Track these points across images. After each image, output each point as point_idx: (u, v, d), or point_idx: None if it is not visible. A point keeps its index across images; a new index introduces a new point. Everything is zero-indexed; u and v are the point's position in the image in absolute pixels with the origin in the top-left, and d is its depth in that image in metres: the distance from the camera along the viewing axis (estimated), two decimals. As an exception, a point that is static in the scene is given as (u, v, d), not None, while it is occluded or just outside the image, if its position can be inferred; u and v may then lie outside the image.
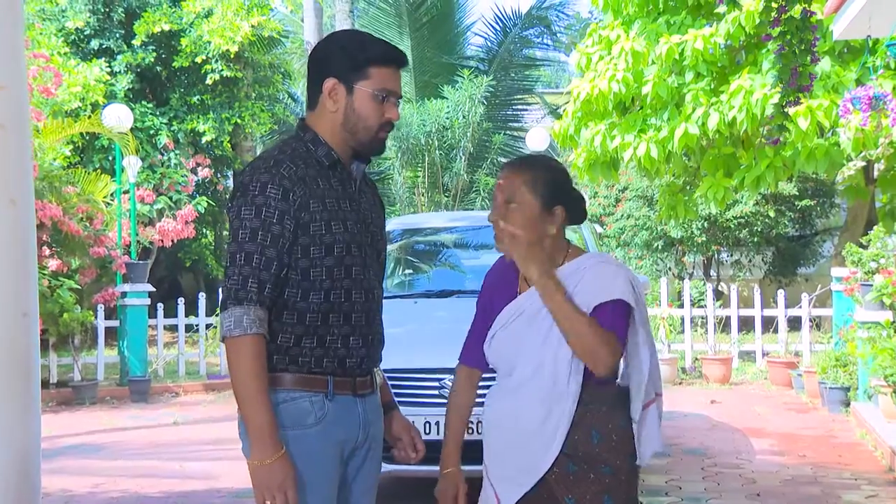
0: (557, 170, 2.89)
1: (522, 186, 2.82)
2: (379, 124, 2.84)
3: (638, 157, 11.65)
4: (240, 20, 16.33)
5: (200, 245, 18.20)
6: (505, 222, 2.81)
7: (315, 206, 2.77)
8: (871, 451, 8.14)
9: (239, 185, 2.80)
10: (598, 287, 2.76)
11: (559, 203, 2.83)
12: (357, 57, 2.82)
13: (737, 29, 11.00)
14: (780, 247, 17.83)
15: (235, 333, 2.69)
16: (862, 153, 9.68)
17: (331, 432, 2.80)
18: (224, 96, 17.23)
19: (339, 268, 2.79)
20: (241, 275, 2.71)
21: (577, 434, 2.78)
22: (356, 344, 2.84)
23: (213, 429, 9.75)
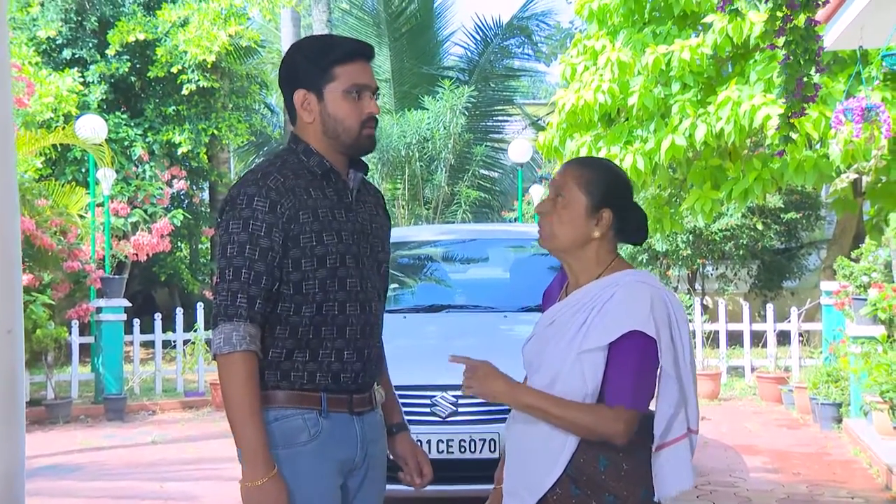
0: (614, 174, 2.81)
1: (572, 181, 2.76)
2: (360, 122, 2.81)
3: (624, 169, 11.67)
4: (217, 29, 16.25)
5: (176, 259, 18.09)
6: (548, 217, 2.77)
7: (305, 217, 2.73)
8: (865, 469, 8.13)
9: (227, 198, 2.78)
10: (615, 317, 2.64)
11: (608, 206, 2.76)
12: (319, 61, 2.80)
13: (724, 39, 11.05)
14: (765, 260, 17.89)
15: (225, 350, 2.66)
16: (854, 165, 9.71)
17: (326, 451, 2.76)
18: (200, 107, 17.15)
19: (332, 280, 2.75)
20: (230, 290, 2.68)
21: (582, 457, 2.68)
22: (350, 358, 2.79)
23: (192, 448, 9.66)
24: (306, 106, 2.81)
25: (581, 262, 2.79)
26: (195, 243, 19.26)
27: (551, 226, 2.77)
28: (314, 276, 2.73)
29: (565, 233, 2.76)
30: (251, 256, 2.68)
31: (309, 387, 2.75)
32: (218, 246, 2.77)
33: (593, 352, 2.66)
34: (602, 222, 2.75)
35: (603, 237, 2.76)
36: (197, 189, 18.44)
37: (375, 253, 2.91)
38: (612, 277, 2.74)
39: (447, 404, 5.80)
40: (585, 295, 2.74)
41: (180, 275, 17.99)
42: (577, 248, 2.77)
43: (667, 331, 2.66)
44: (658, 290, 2.70)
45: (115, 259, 14.70)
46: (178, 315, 12.93)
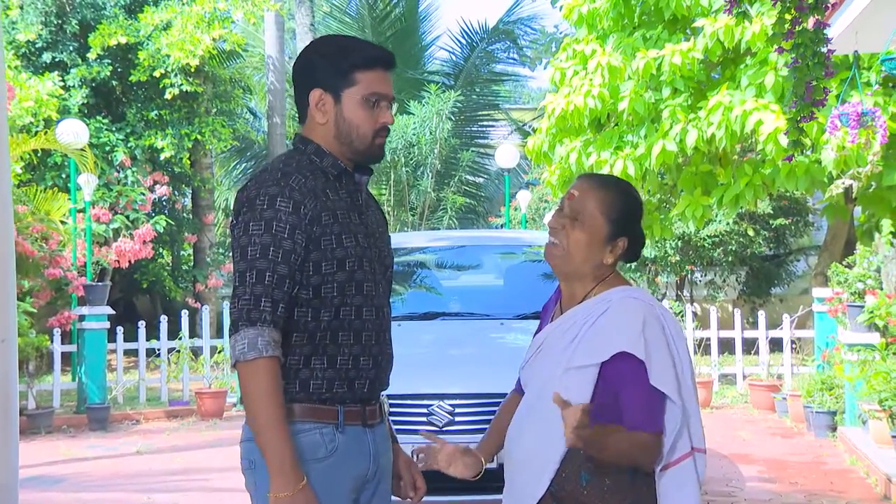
0: (634, 198, 2.76)
1: (595, 205, 2.70)
2: (374, 130, 2.78)
3: (614, 174, 11.66)
4: (200, 33, 16.17)
5: (158, 266, 17.98)
6: (562, 235, 2.72)
7: (327, 219, 2.70)
8: (863, 478, 8.13)
9: (245, 200, 2.71)
10: (605, 335, 2.60)
11: (626, 235, 2.72)
12: (340, 64, 2.76)
13: (715, 44, 11.06)
14: (753, 266, 17.93)
15: (250, 357, 2.60)
16: (850, 171, 9.72)
17: (342, 466, 2.73)
18: (183, 111, 17.06)
19: (350, 283, 2.72)
20: (253, 294, 2.63)
21: (564, 471, 2.65)
22: (366, 364, 2.77)
23: (178, 458, 9.58)
24: (321, 107, 2.77)
25: (581, 280, 2.76)
26: (177, 250, 19.16)
27: (565, 246, 2.72)
28: (333, 280, 2.70)
29: (580, 257, 2.71)
30: (275, 259, 2.63)
31: (326, 397, 2.71)
32: (235, 249, 2.70)
33: (582, 369, 2.63)
34: (616, 250, 2.72)
35: (612, 261, 2.74)
36: (179, 195, 18.35)
37: (383, 257, 2.88)
38: (605, 294, 2.71)
39: (444, 413, 5.76)
40: (577, 313, 2.71)
41: (162, 282, 17.88)
42: (589, 271, 2.74)
43: (661, 351, 2.61)
44: (651, 306, 2.67)
45: (98, 266, 14.59)
46: (163, 323, 12.84)
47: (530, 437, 2.70)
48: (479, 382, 5.93)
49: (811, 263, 19.38)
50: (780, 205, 17.21)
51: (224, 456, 9.63)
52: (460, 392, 5.80)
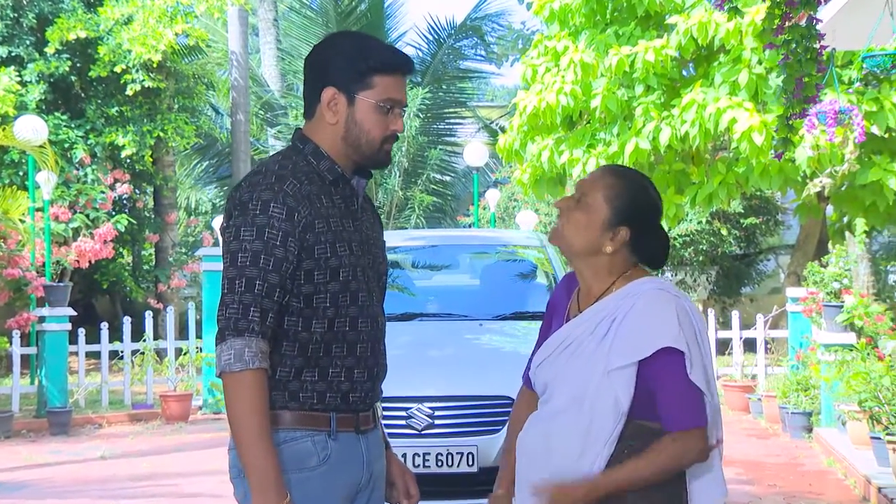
0: (645, 192, 2.75)
1: (599, 188, 2.71)
2: (383, 137, 2.73)
3: (587, 173, 11.65)
4: (163, 28, 16.01)
5: (118, 266, 17.80)
6: (565, 216, 2.73)
7: (321, 227, 2.64)
8: (841, 480, 8.18)
9: (237, 203, 2.65)
10: (643, 331, 2.60)
11: (627, 224, 2.70)
12: (359, 65, 2.70)
13: (688, 41, 11.09)
14: (724, 266, 18.02)
15: (236, 368, 2.54)
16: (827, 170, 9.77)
17: (335, 475, 2.68)
18: (145, 108, 16.90)
19: (344, 294, 2.67)
20: (242, 303, 2.57)
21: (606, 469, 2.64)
22: (361, 377, 2.71)
23: (145, 463, 9.48)
24: (333, 106, 2.71)
25: (592, 269, 2.75)
26: (139, 249, 18.98)
27: (566, 227, 2.74)
28: (326, 290, 2.64)
29: (577, 238, 2.72)
30: (265, 267, 2.57)
31: (318, 407, 2.66)
32: (224, 254, 2.65)
33: (624, 369, 2.61)
34: (617, 238, 2.71)
35: (616, 252, 2.72)
36: (141, 193, 18.17)
37: (377, 264, 2.83)
38: (630, 286, 2.70)
39: (423, 416, 5.73)
40: (603, 308, 2.69)
41: (123, 282, 17.71)
42: (587, 255, 2.73)
43: (694, 344, 2.63)
44: (680, 299, 2.68)
45: (59, 266, 14.42)
46: (126, 324, 12.70)
47: (571, 439, 2.65)
48: (460, 384, 5.91)
49: (781, 263, 19.53)
50: (751, 204, 17.32)
51: (192, 460, 9.55)
52: (440, 394, 5.78)
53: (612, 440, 2.62)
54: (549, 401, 2.76)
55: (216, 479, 8.70)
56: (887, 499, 6.81)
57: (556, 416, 2.70)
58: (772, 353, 12.88)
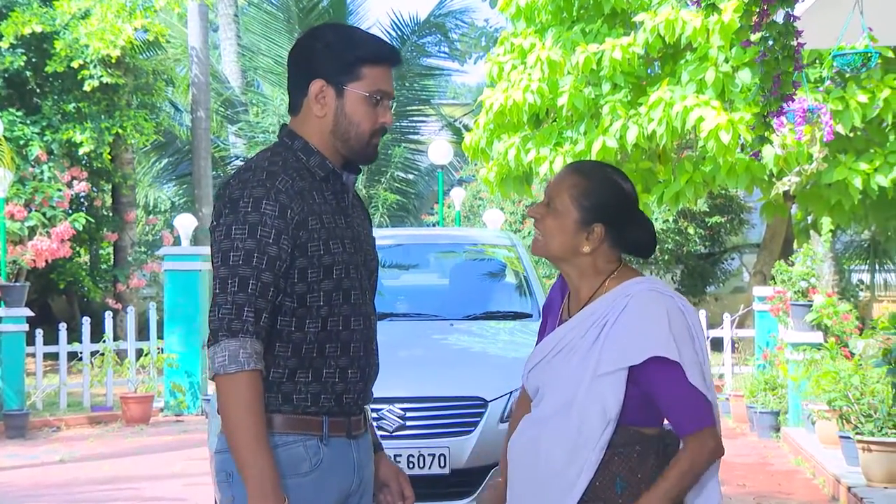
0: (613, 186, 2.72)
1: (565, 191, 2.69)
2: (372, 130, 2.69)
3: (554, 171, 11.66)
4: (121, 22, 15.84)
5: (75, 265, 17.60)
6: (540, 224, 2.71)
7: (314, 224, 2.60)
8: (809, 479, 8.23)
9: (227, 200, 2.60)
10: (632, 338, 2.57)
11: (600, 221, 2.68)
12: (347, 56, 2.66)
13: (655, 39, 11.13)
14: (689, 265, 18.12)
15: (231, 370, 2.50)
16: (796, 168, 9.83)
17: (327, 481, 2.65)
18: (103, 104, 16.72)
19: (337, 292, 2.63)
20: (235, 303, 2.52)
21: (598, 480, 2.60)
22: (354, 378, 2.68)
23: (106, 466, 9.37)
24: (321, 99, 2.66)
25: (577, 270, 2.72)
26: (96, 249, 18.78)
27: (542, 234, 2.72)
28: (319, 288, 2.60)
29: (553, 244, 2.70)
30: (258, 266, 2.53)
31: (312, 410, 2.62)
32: (216, 253, 2.59)
33: (612, 374, 2.59)
34: (593, 237, 2.68)
35: (595, 251, 2.70)
36: (99, 191, 17.98)
37: (369, 261, 2.79)
38: (620, 288, 2.67)
39: (394, 418, 5.69)
40: (594, 311, 2.66)
41: (80, 282, 17.52)
42: (569, 257, 2.71)
43: (688, 346, 2.60)
44: (673, 299, 2.64)
45: (16, 265, 14.24)
46: (85, 325, 12.56)
47: (559, 444, 2.63)
48: (431, 385, 5.87)
49: (745, 262, 19.67)
50: (716, 203, 17.43)
51: (154, 463, 9.46)
52: (411, 395, 5.74)
53: (600, 446, 2.59)
54: (539, 404, 2.73)
55: (179, 482, 8.64)
56: (857, 498, 6.85)
57: (545, 421, 2.67)
58: (738, 353, 12.95)
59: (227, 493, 2.63)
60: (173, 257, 12.70)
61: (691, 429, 2.57)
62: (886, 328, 5.95)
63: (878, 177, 10.19)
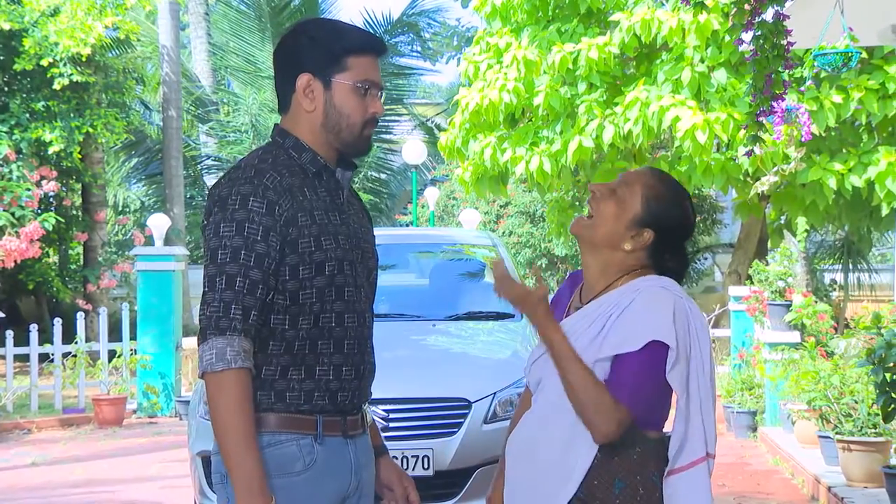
0: (683, 207, 2.71)
1: (639, 186, 2.68)
2: (363, 120, 2.69)
3: (531, 171, 11.67)
4: (92, 20, 15.70)
5: (44, 266, 17.43)
6: (596, 204, 2.68)
7: (304, 220, 2.59)
8: (788, 479, 8.26)
9: (216, 199, 2.60)
10: (635, 326, 2.56)
11: (654, 228, 2.66)
12: (332, 47, 2.66)
13: (631, 38, 11.15)
14: (663, 264, 18.18)
15: (218, 368, 2.49)
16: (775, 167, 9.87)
17: (321, 481, 2.62)
18: (73, 103, 16.54)
19: (329, 289, 2.62)
20: (223, 301, 2.52)
21: (597, 479, 2.59)
22: (349, 375, 2.66)
23: (80, 469, 9.27)
24: (309, 93, 2.66)
25: (603, 264, 2.70)
26: (66, 249, 18.60)
27: (594, 215, 2.69)
28: (311, 285, 2.59)
29: (602, 228, 2.68)
30: (246, 263, 2.52)
31: (305, 408, 2.60)
32: (205, 252, 2.59)
33: (606, 360, 2.59)
34: (639, 239, 2.67)
35: (632, 253, 2.68)
36: (69, 191, 17.81)
37: (367, 259, 2.77)
38: (633, 283, 2.67)
39: (377, 419, 5.64)
40: (603, 303, 2.66)
41: (50, 283, 17.34)
42: (604, 247, 2.69)
43: (685, 344, 2.59)
44: (680, 298, 2.63)
45: (-14, 267, 14.08)
46: (57, 326, 12.42)
47: (556, 437, 2.61)
48: (414, 386, 5.85)
49: (718, 262, 19.75)
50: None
51: (128, 466, 9.38)
52: (394, 397, 5.70)
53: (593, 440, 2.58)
54: (538, 398, 2.73)
55: (155, 485, 8.56)
56: (837, 498, 6.88)
57: (545, 411, 2.67)
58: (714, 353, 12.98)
59: (222, 495, 2.62)
60: (146, 257, 12.59)
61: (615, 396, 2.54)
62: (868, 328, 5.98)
63: (851, 177, 10.28)
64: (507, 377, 5.82)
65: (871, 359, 5.40)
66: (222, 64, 23.42)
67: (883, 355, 5.28)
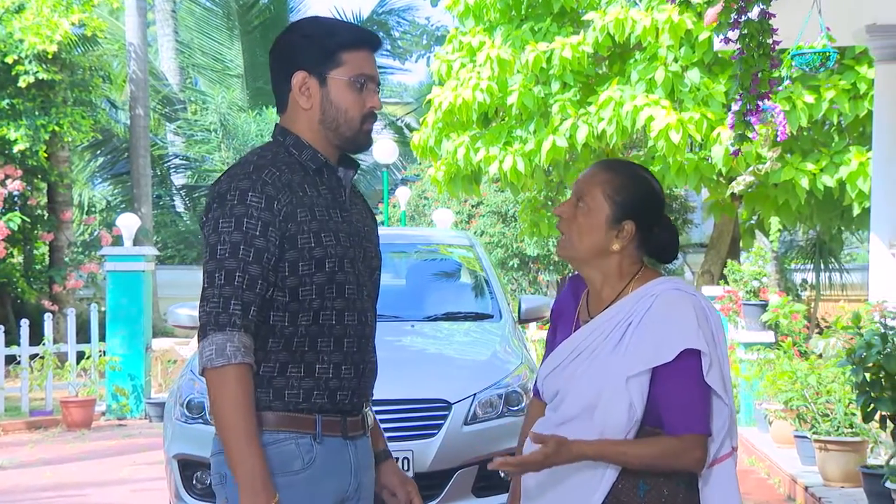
0: (645, 183, 2.68)
1: (597, 187, 2.65)
2: (362, 115, 2.68)
3: (504, 170, 11.67)
4: (58, 17, 15.55)
5: (9, 266, 17.23)
6: (568, 224, 2.66)
7: (303, 216, 2.58)
8: (764, 479, 8.29)
9: (215, 195, 2.59)
10: (664, 335, 2.54)
11: (631, 218, 2.64)
12: (326, 44, 2.66)
13: (605, 38, 11.17)
14: (634, 264, 18.24)
15: (218, 364, 2.48)
16: (750, 167, 9.91)
17: (320, 481, 2.61)
18: (38, 101, 16.36)
19: (330, 286, 2.60)
20: (222, 296, 2.51)
21: (621, 482, 2.58)
22: (348, 374, 2.65)
23: (49, 472, 9.16)
24: (305, 90, 2.65)
25: (601, 273, 2.68)
26: (31, 249, 18.41)
27: (569, 233, 2.68)
28: (311, 282, 2.58)
29: (583, 243, 2.66)
30: (245, 258, 2.51)
31: (304, 406, 2.59)
32: (204, 248, 2.59)
33: (641, 375, 2.56)
34: (623, 234, 2.64)
35: (624, 250, 2.66)
36: (34, 190, 17.63)
37: (369, 258, 2.75)
38: (644, 288, 2.63)
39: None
40: (618, 313, 2.62)
41: (15, 283, 17.16)
42: (596, 258, 2.67)
43: (712, 343, 2.58)
44: (697, 298, 2.62)
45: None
46: (24, 327, 12.28)
47: None
48: (394, 388, 5.78)
49: (689, 261, 19.84)
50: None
51: (98, 469, 9.28)
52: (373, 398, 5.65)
53: None
54: (558, 407, 2.68)
55: (126, 488, 8.48)
56: (815, 497, 6.91)
57: (566, 424, 2.62)
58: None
59: (222, 495, 2.61)
60: (115, 258, 12.47)
61: (691, 429, 2.53)
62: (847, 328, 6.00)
63: (823, 177, 10.35)
64: (486, 378, 5.80)
65: (851, 359, 5.42)
66: (189, 62, 23.29)
67: (863, 355, 5.30)
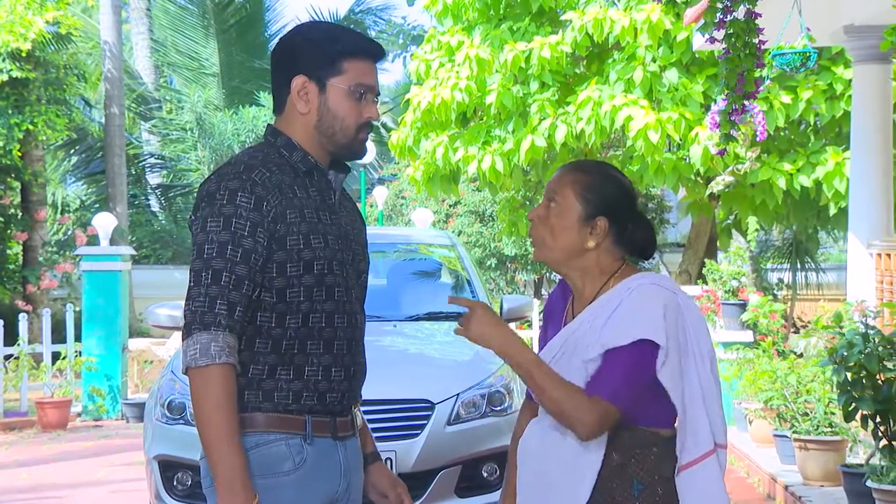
0: (615, 180, 2.71)
1: (567, 187, 2.67)
2: (358, 124, 2.68)
3: (483, 170, 11.68)
4: (32, 15, 15.45)
5: (-19, 266, 17.11)
6: (541, 225, 2.68)
7: (293, 217, 2.58)
8: (744, 479, 8.32)
9: (204, 194, 2.59)
10: (622, 324, 2.56)
11: (603, 215, 2.65)
12: (328, 50, 2.66)
13: (584, 37, 11.20)
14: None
15: (201, 363, 2.48)
16: (730, 167, 9.95)
17: (309, 482, 2.61)
18: (12, 99, 16.23)
19: (319, 288, 2.60)
20: (208, 296, 2.51)
21: (615, 482, 2.58)
22: (338, 376, 2.65)
23: (25, 474, 9.09)
24: (303, 95, 2.66)
25: (580, 272, 2.70)
26: (4, 248, 18.27)
27: (543, 235, 2.70)
28: (300, 283, 2.58)
29: (558, 243, 2.68)
30: (232, 258, 2.52)
31: (293, 408, 2.59)
32: (192, 247, 2.59)
33: (598, 359, 2.58)
34: (596, 231, 2.66)
35: (599, 246, 2.67)
36: (8, 189, 17.50)
37: (357, 261, 2.76)
38: (622, 284, 2.65)
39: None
40: (595, 309, 2.65)
41: (-14, 283, 17.01)
42: (572, 258, 2.69)
43: (677, 341, 2.58)
44: (673, 294, 2.63)
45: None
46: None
47: (564, 445, 2.60)
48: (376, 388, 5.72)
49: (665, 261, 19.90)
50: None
51: (75, 470, 9.22)
52: (357, 399, 5.65)
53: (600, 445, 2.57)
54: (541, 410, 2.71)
55: (104, 489, 8.43)
56: (795, 496, 6.94)
57: (552, 423, 2.65)
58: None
59: (212, 498, 2.58)
60: (91, 257, 12.39)
61: (596, 391, 2.54)
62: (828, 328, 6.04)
63: (800, 177, 10.42)
64: (469, 378, 5.80)
65: (832, 358, 5.45)
66: (164, 60, 23.18)
67: (845, 354, 5.33)
